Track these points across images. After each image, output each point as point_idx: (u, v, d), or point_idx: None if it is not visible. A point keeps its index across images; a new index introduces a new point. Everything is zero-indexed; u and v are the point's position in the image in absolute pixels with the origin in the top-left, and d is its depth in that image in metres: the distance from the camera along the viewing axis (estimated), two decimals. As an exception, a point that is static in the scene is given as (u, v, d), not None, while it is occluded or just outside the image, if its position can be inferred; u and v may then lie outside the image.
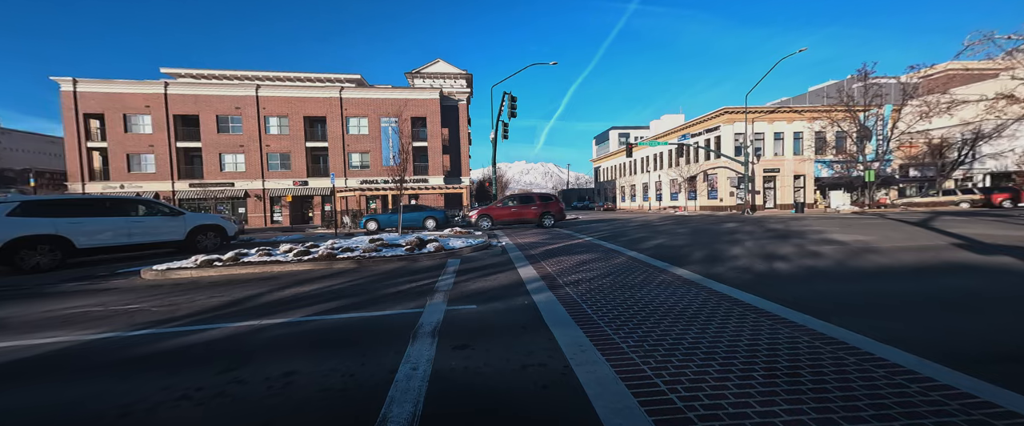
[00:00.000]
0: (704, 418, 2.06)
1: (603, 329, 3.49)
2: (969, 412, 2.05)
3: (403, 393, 2.45)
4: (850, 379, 2.43)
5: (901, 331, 3.24)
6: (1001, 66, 13.84)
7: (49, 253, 7.56)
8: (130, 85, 29.05)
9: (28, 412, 2.40)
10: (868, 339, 3.06)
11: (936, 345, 2.92)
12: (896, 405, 2.14)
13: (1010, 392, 2.22)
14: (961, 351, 2.82)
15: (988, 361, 2.64)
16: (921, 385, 2.34)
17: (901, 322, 3.50)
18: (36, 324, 4.19)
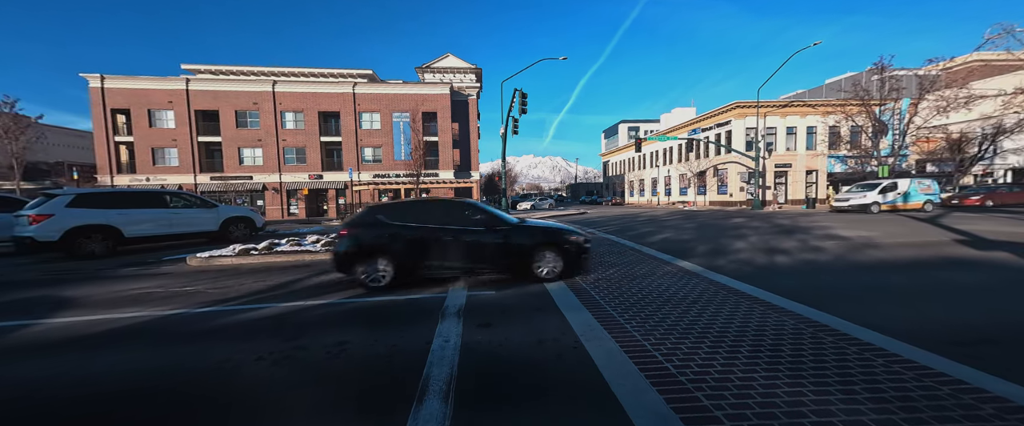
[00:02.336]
0: (693, 381, 2.49)
1: (610, 312, 3.92)
2: (921, 380, 2.44)
3: (439, 359, 2.93)
4: (825, 355, 2.82)
5: (882, 317, 3.59)
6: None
7: (102, 241, 8.28)
8: (154, 81, 30.09)
9: (146, 366, 2.95)
10: (850, 323, 3.43)
11: (910, 329, 3.28)
12: (861, 375, 2.53)
13: (962, 365, 2.60)
14: (930, 334, 3.18)
15: (951, 343, 3.00)
16: (886, 359, 2.73)
17: (883, 309, 3.85)
18: (113, 302, 4.80)
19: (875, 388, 2.34)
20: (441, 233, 5.27)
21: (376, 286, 5.07)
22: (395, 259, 5.13)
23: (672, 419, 2.10)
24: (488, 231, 5.34)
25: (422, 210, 5.61)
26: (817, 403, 2.20)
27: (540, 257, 5.30)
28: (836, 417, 2.04)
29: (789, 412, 2.11)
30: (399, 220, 5.36)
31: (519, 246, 5.30)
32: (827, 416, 2.06)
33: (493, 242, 5.28)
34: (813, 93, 36.91)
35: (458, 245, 5.23)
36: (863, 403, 2.19)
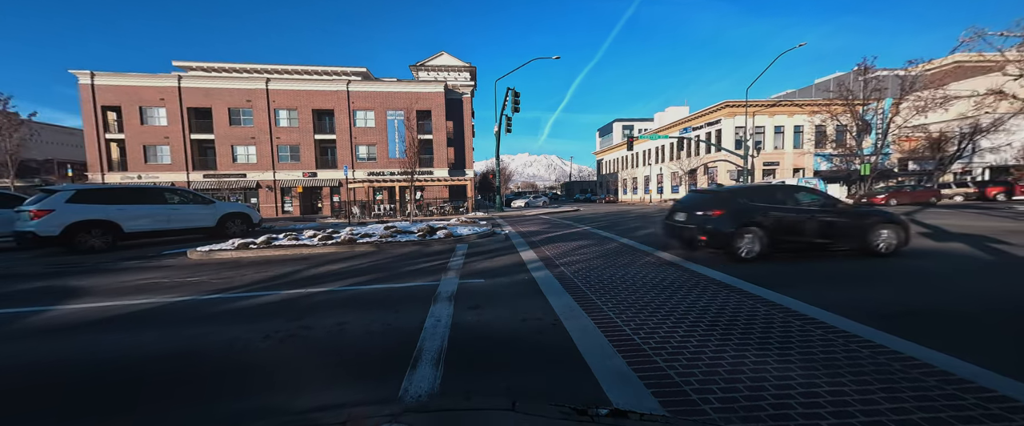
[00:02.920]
0: (654, 349, 2.85)
1: (589, 296, 4.28)
2: (847, 344, 2.82)
3: (432, 334, 3.26)
4: (772, 327, 3.20)
5: (830, 297, 3.99)
6: (1015, 58, 14.11)
7: (102, 236, 8.46)
8: (145, 78, 29.87)
9: (163, 343, 3.24)
10: (800, 302, 3.82)
11: (850, 306, 3.68)
12: (799, 341, 2.91)
13: (882, 332, 2.99)
14: (864, 309, 3.58)
15: (878, 316, 3.40)
16: (823, 330, 3.11)
17: (833, 291, 4.25)
18: (120, 291, 5.05)
19: (808, 352, 2.71)
20: (794, 212, 6.07)
21: (749, 258, 5.86)
22: (763, 234, 5.87)
23: (631, 377, 2.46)
24: (829, 211, 6.11)
25: (767, 193, 6.37)
26: (755, 360, 2.57)
27: (877, 233, 5.96)
28: (769, 375, 2.41)
29: (730, 369, 2.47)
30: (758, 202, 6.13)
31: (859, 224, 6.02)
32: (761, 373, 2.43)
33: (836, 220, 6.00)
34: (803, 93, 37.69)
35: (811, 223, 5.99)
36: (791, 359, 2.57)
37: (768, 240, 5.87)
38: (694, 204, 6.53)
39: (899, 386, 2.23)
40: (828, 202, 6.29)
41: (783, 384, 2.28)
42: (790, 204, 6.19)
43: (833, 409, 2.03)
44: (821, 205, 6.21)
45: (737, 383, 2.31)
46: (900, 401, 2.08)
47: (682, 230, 6.55)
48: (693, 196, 6.96)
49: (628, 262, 6.12)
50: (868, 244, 5.97)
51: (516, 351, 2.95)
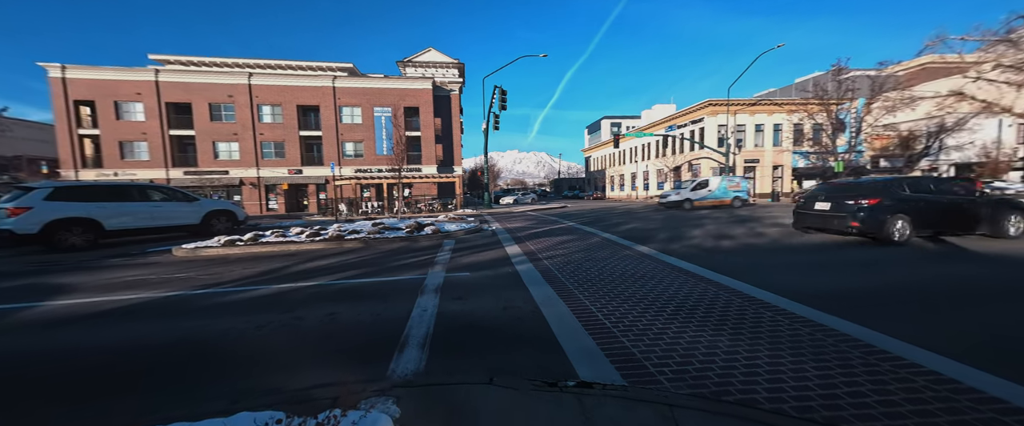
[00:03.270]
0: (622, 331, 3.13)
1: (568, 286, 4.55)
2: (791, 323, 3.15)
3: (418, 322, 3.48)
4: (731, 311, 3.52)
5: (779, 282, 4.35)
6: (973, 61, 14.96)
7: (82, 234, 8.34)
8: (120, 72, 28.89)
9: (159, 334, 3.37)
10: (755, 287, 4.17)
11: (794, 290, 4.03)
12: (750, 319, 3.23)
13: (828, 315, 3.34)
14: (805, 292, 3.95)
15: (815, 297, 3.76)
16: (775, 311, 3.44)
17: (783, 277, 4.62)
18: (108, 287, 5.10)
19: (757, 330, 3.03)
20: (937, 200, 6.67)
21: (900, 241, 6.47)
22: (911, 220, 6.44)
23: (598, 354, 2.73)
24: (967, 199, 6.69)
25: (915, 183, 6.92)
26: (710, 339, 2.88)
27: (1008, 218, 6.60)
28: (720, 349, 2.71)
29: (687, 346, 2.77)
30: (908, 191, 6.68)
31: (992, 211, 6.62)
32: (715, 348, 2.73)
33: (973, 207, 6.65)
34: (783, 91, 38.81)
35: (952, 209, 6.66)
36: (742, 337, 2.88)
37: (915, 225, 6.52)
38: (842, 194, 7.15)
39: (826, 355, 2.56)
40: (967, 191, 6.96)
41: (730, 358, 2.59)
42: (934, 193, 6.81)
43: (768, 375, 2.33)
44: (960, 193, 6.88)
45: (691, 358, 2.61)
46: (827, 366, 2.40)
47: (829, 218, 7.19)
48: (838, 187, 7.61)
49: (608, 255, 6.43)
50: (1000, 229, 6.71)
51: (497, 336, 3.19)
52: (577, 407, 2.06)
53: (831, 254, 6.11)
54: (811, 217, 7.55)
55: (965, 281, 4.44)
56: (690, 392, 2.21)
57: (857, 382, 2.24)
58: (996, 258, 5.50)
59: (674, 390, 2.23)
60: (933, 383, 2.21)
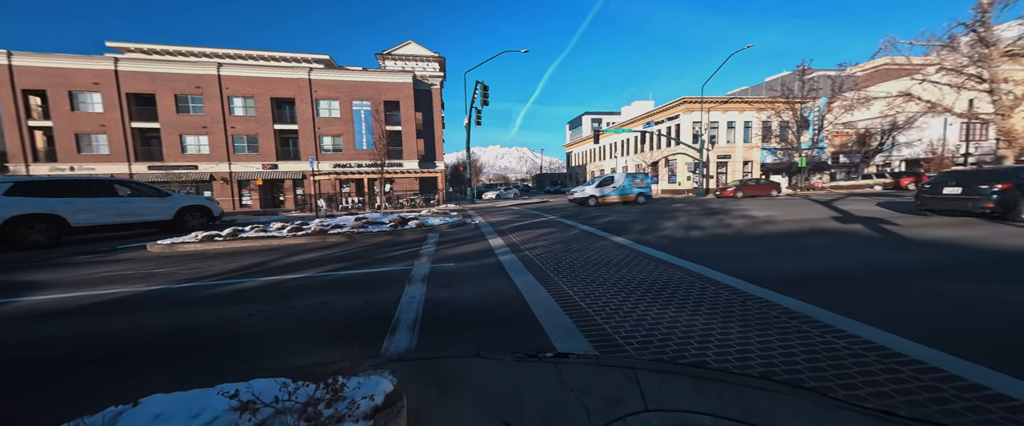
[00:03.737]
0: (595, 311, 3.44)
1: (548, 274, 4.84)
2: (744, 301, 3.55)
3: (407, 308, 3.68)
4: (693, 292, 3.90)
5: (741, 268, 4.79)
6: (932, 62, 16.18)
7: (45, 231, 7.98)
8: (75, 60, 27.00)
9: (150, 325, 3.43)
10: (718, 272, 4.58)
11: (755, 275, 4.47)
12: (709, 299, 3.61)
13: (776, 293, 3.76)
14: (765, 277, 4.38)
15: (774, 281, 4.20)
16: (731, 292, 3.84)
17: (744, 263, 5.07)
18: (85, 282, 5.01)
19: (713, 307, 3.41)
20: None
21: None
22: None
23: (574, 331, 3.03)
24: None
25: None
26: (672, 315, 3.23)
27: None
28: (680, 324, 3.06)
29: (652, 322, 3.11)
30: None
31: None
32: (676, 323, 3.08)
33: None
34: (755, 89, 40.45)
35: None
36: (700, 315, 3.25)
37: None
38: (975, 179, 8.28)
39: (769, 326, 2.95)
40: None
41: (688, 329, 2.94)
42: None
43: (718, 343, 2.69)
44: None
45: (655, 331, 2.94)
46: (776, 339, 2.79)
47: (961, 201, 8.34)
48: (969, 173, 8.69)
49: (585, 246, 6.78)
50: None
51: (481, 318, 3.44)
52: (554, 374, 2.34)
53: (794, 241, 6.66)
54: (938, 200, 8.80)
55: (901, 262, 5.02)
56: (652, 358, 2.53)
57: (791, 346, 2.63)
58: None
59: (638, 357, 2.55)
60: (850, 344, 2.62)
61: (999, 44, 14.77)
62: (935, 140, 30.26)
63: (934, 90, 16.59)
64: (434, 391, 2.15)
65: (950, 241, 6.17)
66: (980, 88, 15.56)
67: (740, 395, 2.03)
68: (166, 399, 1.55)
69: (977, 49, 15.01)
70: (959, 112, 16.20)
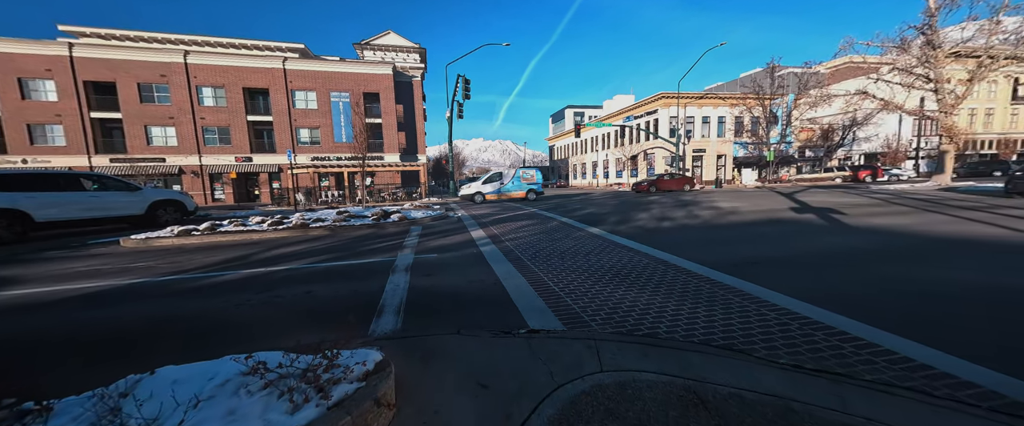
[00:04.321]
0: (566, 293, 3.77)
1: (527, 263, 5.15)
2: (710, 287, 3.95)
3: (392, 294, 3.92)
4: (655, 276, 4.29)
5: (700, 254, 5.25)
6: (886, 62, 17.27)
7: (8, 227, 7.67)
8: (24, 44, 25.10)
9: (138, 315, 3.53)
10: (680, 258, 5.01)
11: (711, 260, 4.92)
12: (668, 281, 4.01)
13: (727, 275, 4.20)
14: (720, 262, 4.83)
15: (727, 265, 4.65)
16: (689, 275, 4.26)
17: (703, 250, 5.54)
18: (62, 277, 4.97)
19: (682, 290, 3.80)
20: None
21: None
22: None
23: (546, 311, 3.35)
24: None
25: None
26: (634, 296, 3.60)
27: None
28: (639, 303, 3.43)
29: (616, 302, 3.46)
30: None
31: None
32: (636, 302, 3.44)
33: None
34: (731, 85, 41.81)
35: None
36: (664, 294, 3.63)
37: None
38: None
39: (716, 303, 3.36)
40: None
41: (646, 307, 3.31)
42: None
43: (670, 318, 3.07)
44: None
45: (618, 309, 3.30)
46: (721, 313, 3.19)
47: None
48: None
49: (563, 237, 7.13)
50: None
51: (463, 303, 3.72)
52: (526, 347, 2.65)
53: (751, 229, 7.22)
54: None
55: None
56: (612, 331, 2.88)
57: (730, 319, 3.03)
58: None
59: (600, 331, 2.90)
60: (780, 315, 3.05)
61: (944, 46, 15.98)
62: (890, 136, 32.33)
63: (887, 89, 17.80)
64: (419, 362, 2.42)
65: (889, 228, 6.86)
66: (927, 87, 16.82)
67: (681, 357, 2.40)
68: (179, 369, 1.76)
69: (925, 51, 16.19)
70: (909, 109, 17.46)
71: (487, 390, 2.13)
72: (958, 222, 7.11)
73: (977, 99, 34.45)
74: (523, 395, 2.06)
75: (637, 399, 1.98)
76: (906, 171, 28.89)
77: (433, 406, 1.99)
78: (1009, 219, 7.18)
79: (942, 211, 8.61)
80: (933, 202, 10.66)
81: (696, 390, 2.04)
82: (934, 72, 16.30)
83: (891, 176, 26.81)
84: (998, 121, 35.82)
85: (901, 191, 15.05)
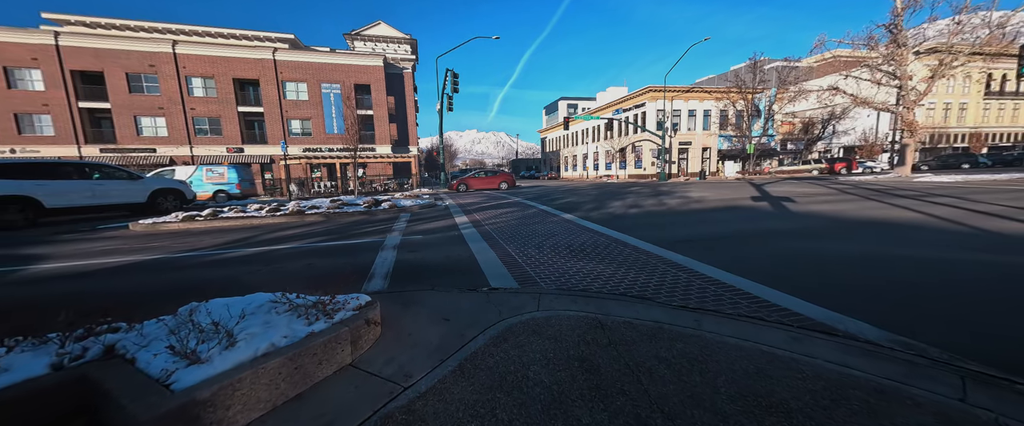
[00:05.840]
0: (528, 264, 4.52)
1: (500, 243, 5.89)
2: (647, 258, 4.74)
3: (381, 265, 4.64)
4: (604, 250, 5.06)
5: (650, 234, 6.03)
6: (859, 58, 18.17)
7: (20, 212, 8.18)
8: (9, 33, 24.76)
9: (161, 283, 4.21)
10: (631, 237, 5.79)
11: (657, 237, 5.71)
12: (613, 253, 4.78)
13: (664, 249, 4.99)
14: (663, 239, 5.63)
15: (667, 242, 5.44)
16: (633, 249, 5.04)
17: (655, 231, 6.33)
18: (85, 254, 5.59)
19: (623, 261, 4.58)
20: None
21: None
22: None
23: (507, 276, 4.10)
24: None
25: None
26: (582, 265, 4.36)
27: None
28: (584, 269, 4.19)
29: (566, 269, 4.22)
30: None
31: None
32: (582, 269, 4.21)
33: None
34: (722, 78, 42.59)
35: None
36: (608, 264, 4.41)
37: None
38: None
39: (645, 269, 4.14)
40: None
41: (587, 272, 4.08)
42: None
43: (606, 279, 3.84)
44: None
45: (566, 273, 4.06)
46: (647, 276, 3.96)
47: None
48: None
49: (538, 222, 7.88)
50: None
51: (440, 272, 4.45)
52: (485, 298, 3.39)
53: (709, 215, 8.04)
54: None
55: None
56: (555, 288, 3.65)
57: (651, 279, 3.81)
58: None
59: (546, 288, 3.66)
60: (689, 277, 3.84)
61: (908, 45, 16.90)
62: (867, 130, 33.54)
63: (856, 85, 18.73)
64: (400, 306, 3.16)
65: (821, 213, 7.73)
66: (892, 84, 17.79)
67: (600, 303, 3.17)
68: (225, 299, 2.47)
69: (891, 48, 17.11)
70: (877, 104, 18.42)
71: (449, 322, 2.88)
72: (886, 208, 8.02)
73: (952, 94, 35.82)
74: (475, 325, 2.81)
75: (556, 325, 2.74)
76: (880, 164, 30.14)
77: (408, 330, 2.73)
78: (928, 205, 8.10)
79: (880, 199, 9.54)
80: (880, 192, 11.63)
81: (600, 320, 2.81)
82: (899, 69, 17.24)
83: (865, 169, 28.02)
84: (971, 115, 37.30)
85: (861, 182, 16.07)
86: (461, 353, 2.39)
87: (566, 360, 2.26)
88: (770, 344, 2.40)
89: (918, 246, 4.78)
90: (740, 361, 2.22)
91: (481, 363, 2.27)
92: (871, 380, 2.01)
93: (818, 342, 2.43)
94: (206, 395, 1.64)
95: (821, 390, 1.94)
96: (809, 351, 2.33)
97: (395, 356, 2.38)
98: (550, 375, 2.11)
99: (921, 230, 5.77)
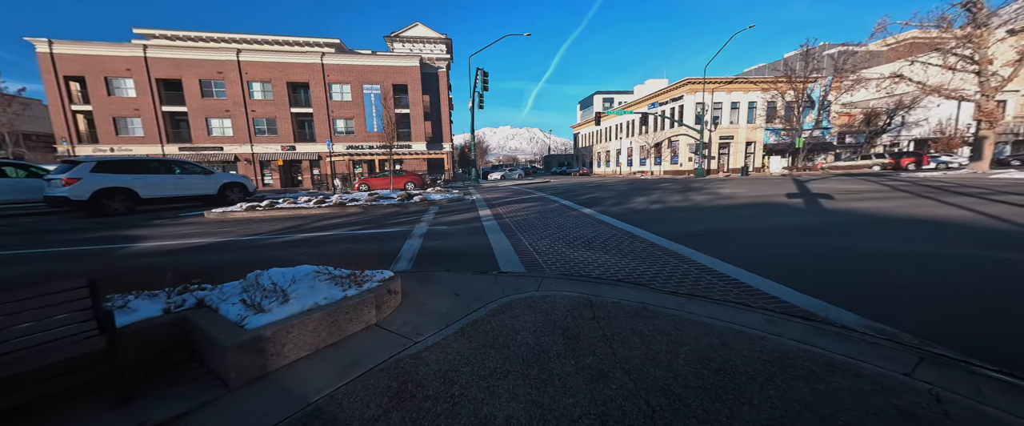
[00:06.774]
0: (538, 253, 4.90)
1: (517, 234, 6.30)
2: (654, 250, 4.95)
3: (407, 250, 5.22)
4: (613, 242, 5.31)
5: (663, 228, 6.15)
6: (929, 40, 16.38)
7: (122, 201, 9.82)
8: (108, 48, 28.90)
9: (239, 257, 5.06)
10: (643, 230, 5.96)
11: (668, 232, 5.83)
12: (621, 245, 5.02)
13: (670, 241, 5.14)
14: (674, 233, 5.73)
15: (678, 236, 5.55)
16: (641, 241, 5.24)
17: (668, 225, 6.41)
18: (177, 236, 6.71)
19: (631, 253, 4.83)
20: None
21: None
22: None
23: (517, 262, 4.50)
24: None
25: None
26: (589, 255, 4.67)
27: None
28: (590, 258, 4.50)
29: (573, 258, 4.56)
30: None
31: None
32: (588, 258, 4.52)
33: None
34: (772, 67, 39.87)
35: None
36: (615, 255, 4.68)
37: None
38: None
39: (648, 259, 4.37)
40: None
41: (592, 261, 4.38)
42: None
43: (607, 267, 4.13)
44: None
45: (571, 262, 4.39)
46: (649, 266, 4.20)
47: None
48: None
49: (557, 215, 8.19)
50: None
51: (458, 257, 4.95)
52: (493, 279, 3.83)
53: (735, 212, 7.93)
54: None
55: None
56: (558, 274, 4.00)
57: (650, 268, 4.05)
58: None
59: (549, 273, 4.03)
60: (688, 266, 4.03)
61: (990, 25, 15.02)
62: (944, 120, 29.91)
63: (924, 71, 16.92)
64: (418, 283, 3.68)
65: (858, 211, 7.34)
66: (970, 69, 15.91)
67: (594, 286, 3.49)
68: (280, 269, 3.09)
69: (968, 29, 15.29)
70: (949, 92, 16.53)
71: (458, 297, 3.34)
72: (937, 206, 7.45)
73: (1055, 78, 30.87)
74: (479, 300, 3.25)
75: (550, 302, 3.11)
76: (958, 159, 26.86)
77: (423, 301, 3.23)
78: (987, 203, 7.40)
79: (936, 196, 8.78)
80: (939, 189, 10.62)
81: (591, 299, 3.15)
82: (978, 53, 15.39)
83: (938, 164, 25.14)
84: (1081, 102, 31.91)
85: (924, 179, 14.61)
86: (464, 320, 2.84)
87: (552, 328, 2.63)
88: (744, 325, 2.62)
89: (959, 246, 4.57)
90: (708, 336, 2.48)
91: (479, 328, 2.70)
92: (825, 355, 2.20)
93: (793, 325, 2.61)
94: (269, 334, 2.21)
95: (773, 361, 2.17)
96: (780, 331, 2.52)
97: (410, 319, 2.88)
98: (535, 339, 2.50)
99: (970, 229, 5.42)
